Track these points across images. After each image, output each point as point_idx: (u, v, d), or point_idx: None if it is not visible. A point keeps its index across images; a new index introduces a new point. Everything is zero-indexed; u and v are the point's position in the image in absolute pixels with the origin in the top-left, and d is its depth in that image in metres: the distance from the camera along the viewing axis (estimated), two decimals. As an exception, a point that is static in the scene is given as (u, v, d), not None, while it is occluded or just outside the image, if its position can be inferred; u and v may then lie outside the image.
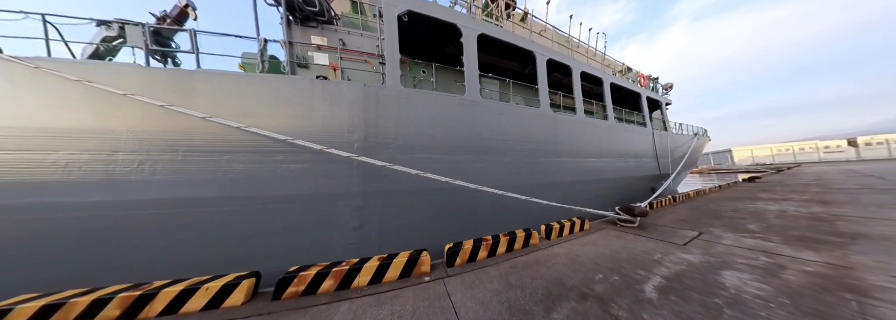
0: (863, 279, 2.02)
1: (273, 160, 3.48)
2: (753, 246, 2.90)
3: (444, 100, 4.42)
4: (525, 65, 6.37)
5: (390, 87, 4.05)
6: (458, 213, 4.27)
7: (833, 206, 5.05)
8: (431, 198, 4.09)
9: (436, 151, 4.24)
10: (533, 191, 5.18)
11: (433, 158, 4.21)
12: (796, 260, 2.46)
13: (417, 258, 2.42)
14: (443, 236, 4.14)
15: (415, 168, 4.02)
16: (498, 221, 4.61)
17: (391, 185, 3.90)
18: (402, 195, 3.94)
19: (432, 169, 4.20)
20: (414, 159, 4.12)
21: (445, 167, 4.27)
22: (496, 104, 4.95)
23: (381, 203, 3.86)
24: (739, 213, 4.86)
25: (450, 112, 4.42)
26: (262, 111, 3.46)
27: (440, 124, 4.32)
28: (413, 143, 4.12)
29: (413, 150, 4.12)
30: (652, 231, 3.76)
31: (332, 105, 3.77)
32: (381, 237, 3.82)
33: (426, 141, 4.20)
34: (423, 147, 4.18)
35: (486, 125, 4.74)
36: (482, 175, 4.56)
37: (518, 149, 5.09)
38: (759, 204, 5.78)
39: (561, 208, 3.90)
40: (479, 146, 4.62)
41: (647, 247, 2.96)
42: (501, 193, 3.19)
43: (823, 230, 3.49)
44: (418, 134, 4.16)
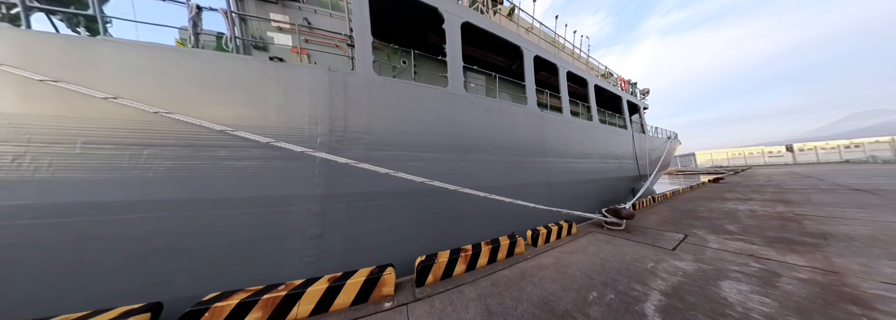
0: (857, 287, 1.92)
1: (214, 156, 2.82)
2: (739, 250, 2.81)
3: (424, 92, 3.98)
4: (512, 61, 6.13)
5: (361, 74, 3.53)
6: (437, 218, 3.85)
7: (793, 206, 5.36)
8: (407, 200, 3.63)
9: (414, 148, 3.79)
10: (519, 191, 4.92)
11: (410, 156, 3.76)
12: (785, 266, 2.36)
13: (379, 277, 1.96)
14: (419, 244, 3.69)
15: (390, 166, 3.54)
16: (481, 226, 4.26)
17: (360, 186, 3.38)
18: (373, 197, 3.44)
19: (410, 168, 3.75)
20: (389, 157, 3.63)
21: (424, 166, 3.84)
22: (481, 99, 4.60)
23: (348, 207, 3.32)
24: (715, 213, 4.96)
25: (430, 105, 3.99)
26: (195, 96, 2.78)
27: (419, 118, 3.87)
28: (388, 139, 3.63)
29: (388, 147, 3.64)
30: (639, 234, 3.62)
31: (289, 92, 3.17)
32: (347, 247, 3.28)
33: (403, 136, 3.73)
34: (399, 143, 3.71)
35: (471, 121, 4.36)
36: (465, 175, 4.18)
37: (504, 147, 4.78)
38: (729, 203, 6.04)
39: (549, 211, 3.63)
40: (463, 144, 4.24)
41: (637, 254, 2.76)
42: (485, 196, 2.83)
43: (794, 230, 3.56)
44: (394, 128, 3.68)
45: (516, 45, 5.29)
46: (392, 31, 4.88)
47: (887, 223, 3.72)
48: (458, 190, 2.82)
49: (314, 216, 3.19)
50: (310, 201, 3.16)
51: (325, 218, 3.23)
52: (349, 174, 3.31)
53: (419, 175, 3.82)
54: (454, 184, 4.06)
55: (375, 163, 3.51)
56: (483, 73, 5.49)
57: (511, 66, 6.30)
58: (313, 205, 3.18)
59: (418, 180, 2.78)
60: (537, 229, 3.25)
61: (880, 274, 2.10)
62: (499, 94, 5.46)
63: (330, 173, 3.29)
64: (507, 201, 2.97)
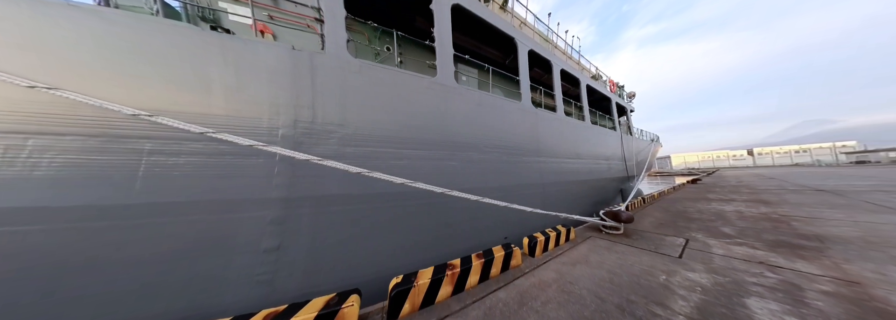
0: (888, 301, 1.72)
1: (134, 150, 2.17)
2: (747, 256, 2.62)
3: (410, 81, 3.51)
4: (505, 54, 5.83)
5: (333, 55, 2.99)
6: (422, 224, 3.37)
7: (774, 206, 5.48)
8: (386, 204, 3.13)
9: (396, 144, 3.30)
10: (513, 193, 4.58)
11: (392, 153, 3.26)
12: (801, 276, 2.16)
13: (336, 311, 1.47)
14: (400, 255, 3.20)
15: (369, 165, 3.04)
16: (472, 232, 3.84)
17: (329, 188, 2.84)
18: (345, 201, 2.90)
19: (392, 167, 3.26)
20: (367, 154, 3.12)
21: (408, 165, 3.36)
22: (473, 92, 4.21)
23: (314, 213, 2.77)
24: (705, 215, 4.92)
25: (416, 96, 3.53)
26: (102, 69, 2.11)
27: (403, 111, 3.39)
28: (366, 134, 3.12)
29: (366, 142, 3.12)
30: (639, 238, 3.39)
31: (241, 72, 2.57)
32: (311, 261, 2.72)
33: (384, 131, 3.23)
34: (379, 139, 3.20)
35: (461, 116, 3.95)
36: (454, 175, 3.76)
37: (497, 146, 4.42)
38: (714, 204, 6.11)
39: (546, 215, 3.29)
40: (452, 141, 3.81)
41: (644, 263, 2.47)
42: (477, 199, 2.43)
43: (787, 232, 3.50)
44: (374, 121, 3.17)
45: (510, 36, 4.97)
46: (373, 13, 4.36)
47: (868, 224, 3.78)
48: (446, 192, 2.38)
49: (270, 224, 2.60)
50: (265, 206, 2.57)
51: (285, 226, 2.66)
52: (317, 174, 2.76)
53: (402, 175, 3.34)
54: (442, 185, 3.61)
55: (351, 160, 2.99)
56: (475, 64, 5.06)
57: (504, 61, 5.99)
58: (269, 211, 2.60)
59: (398, 181, 2.30)
60: (534, 236, 2.89)
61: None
62: (492, 89, 5.07)
63: (293, 172, 2.73)
64: (502, 205, 2.58)
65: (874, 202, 5.57)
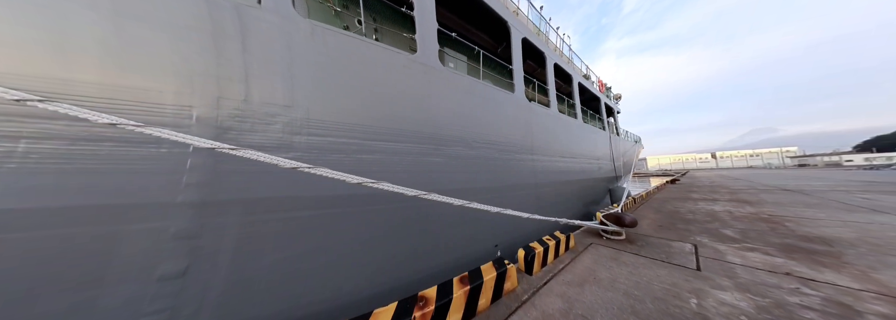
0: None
1: None
2: (767, 266, 2.29)
3: (381, 56, 2.82)
4: (498, 42, 5.34)
5: (272, 11, 2.25)
6: (395, 234, 2.71)
7: (758, 206, 5.51)
8: (351, 209, 2.45)
9: (364, 134, 2.62)
10: (505, 195, 4.06)
11: (358, 145, 2.58)
12: (841, 290, 1.83)
13: None
14: (363, 276, 2.50)
15: (326, 160, 2.38)
16: (457, 241, 3.23)
17: (270, 188, 2.11)
18: (293, 206, 2.18)
19: (358, 162, 2.58)
20: (325, 145, 2.42)
21: (380, 160, 2.70)
22: (462, 78, 3.63)
23: (244, 222, 2.02)
24: (698, 216, 4.76)
25: (391, 76, 2.87)
26: None
27: (373, 92, 2.72)
28: (325, 119, 2.42)
29: (324, 130, 2.41)
30: (643, 245, 3.01)
31: (125, 24, 1.79)
32: (233, 292, 1.94)
33: (349, 116, 2.54)
34: (342, 126, 2.51)
35: (447, 104, 3.36)
36: (437, 174, 3.15)
37: (489, 141, 3.87)
38: (701, 204, 6.08)
39: (544, 220, 2.78)
40: (436, 133, 3.19)
41: (663, 280, 2.04)
42: (461, 203, 1.84)
43: (787, 233, 3.31)
44: (334, 103, 2.48)
45: (504, 19, 4.48)
46: None
47: (854, 223, 3.74)
48: (421, 195, 1.75)
49: (174, 239, 1.82)
50: (167, 214, 1.80)
51: (197, 241, 1.89)
52: (254, 169, 2.03)
53: (371, 172, 2.68)
54: (423, 185, 2.98)
55: (303, 152, 2.29)
56: (464, 45, 4.36)
57: (496, 49, 5.51)
58: (173, 221, 1.82)
59: (354, 180, 1.65)
60: (531, 247, 2.36)
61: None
62: (483, 78, 4.49)
63: (215, 167, 1.97)
64: (494, 211, 2.02)
65: (841, 201, 5.81)
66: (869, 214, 4.31)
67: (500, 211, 2.05)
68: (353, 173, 2.62)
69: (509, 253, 3.95)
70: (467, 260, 3.25)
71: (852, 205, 5.16)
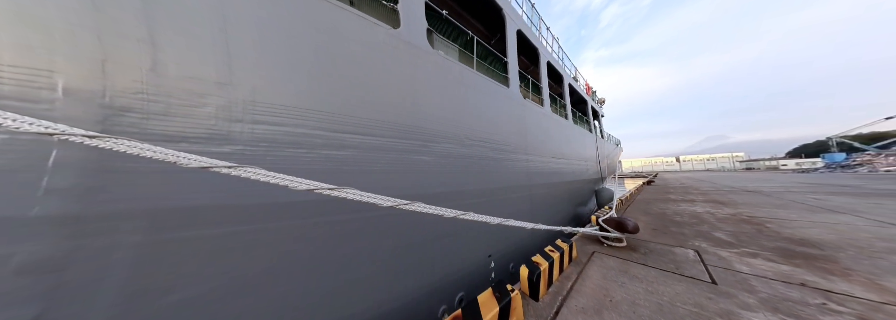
0: None
1: None
2: (780, 276, 2.15)
3: (355, 27, 2.26)
4: (491, 32, 5.03)
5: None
6: (368, 249, 2.17)
7: (734, 207, 5.75)
8: (311, 221, 1.89)
9: (332, 125, 2.07)
10: (498, 197, 3.68)
11: (325, 138, 2.02)
12: (864, 304, 1.68)
13: None
14: (320, 310, 1.95)
15: (278, 156, 1.84)
16: (445, 254, 2.75)
17: (189, 194, 1.51)
18: (225, 218, 1.59)
19: (323, 159, 2.04)
20: (277, 136, 1.84)
21: (351, 158, 2.17)
22: (454, 65, 3.18)
23: (145, 242, 1.39)
24: (684, 217, 4.80)
25: (368, 54, 2.33)
26: None
27: (342, 73, 2.17)
28: (277, 103, 1.84)
29: (276, 117, 1.83)
30: (646, 252, 2.80)
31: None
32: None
33: (311, 101, 1.98)
34: (300, 114, 1.94)
35: (436, 93, 2.90)
36: (425, 175, 2.69)
37: (483, 138, 3.48)
38: (683, 206, 6.26)
39: (543, 229, 2.42)
40: (423, 127, 2.71)
41: (684, 298, 1.77)
42: (454, 215, 1.39)
43: (774, 236, 3.33)
44: (290, 84, 1.91)
45: (499, 6, 4.14)
46: None
47: (825, 224, 3.91)
48: (398, 205, 1.26)
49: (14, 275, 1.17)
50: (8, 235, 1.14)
51: (58, 276, 1.24)
52: (162, 168, 1.41)
53: (343, 171, 2.15)
54: (408, 187, 2.52)
55: (248, 146, 1.73)
56: (455, 28, 3.81)
57: (489, 41, 5.19)
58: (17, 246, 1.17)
59: (303, 187, 1.14)
60: (535, 264, 1.98)
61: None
62: (476, 69, 4.03)
63: (100, 166, 1.35)
64: (495, 223, 1.61)
65: (799, 201, 6.31)
66: (830, 214, 4.61)
67: (501, 222, 1.64)
68: (317, 173, 2.06)
69: (503, 263, 3.59)
70: (457, 276, 2.82)
71: (811, 206, 5.57)
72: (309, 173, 1.97)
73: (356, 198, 1.20)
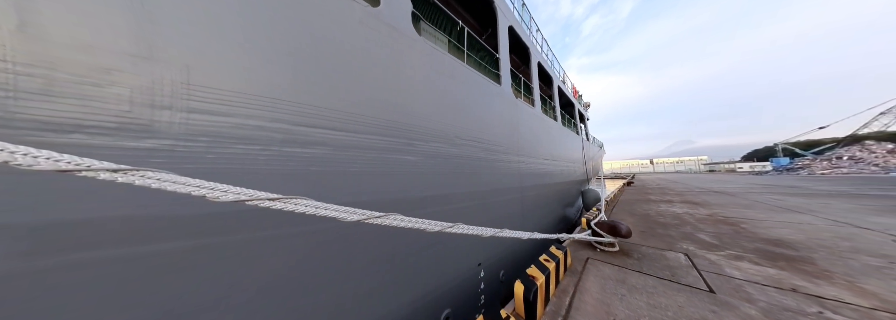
0: None
1: None
2: (769, 280, 2.12)
3: (320, 1, 1.89)
4: (483, 27, 4.84)
5: None
6: (340, 265, 1.81)
7: (709, 208, 6.05)
8: (260, 233, 1.52)
9: (297, 117, 1.71)
10: (490, 200, 3.46)
11: (285, 133, 1.66)
12: (857, 311, 1.66)
13: None
14: None
15: (221, 153, 1.47)
16: (429, 265, 2.45)
17: (89, 205, 1.10)
18: (146, 234, 1.18)
19: (280, 158, 1.68)
20: (225, 129, 1.45)
21: (321, 156, 1.82)
22: (443, 56, 2.90)
23: (20, 272, 0.97)
24: (667, 218, 4.92)
25: (340, 33, 1.96)
26: None
27: (309, 54, 1.81)
28: (218, 86, 1.45)
29: (216, 105, 1.44)
30: (640, 258, 2.72)
31: None
32: None
33: (264, 86, 1.60)
34: (252, 103, 1.56)
35: (424, 86, 2.62)
36: (412, 177, 2.39)
37: (475, 138, 3.24)
38: (663, 206, 6.49)
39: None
40: (409, 123, 2.41)
41: (690, 314, 1.64)
42: (439, 229, 1.13)
43: (753, 237, 3.43)
44: (235, 62, 1.51)
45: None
46: None
47: (791, 224, 4.15)
48: (366, 220, 0.96)
49: None
50: None
51: None
52: None
53: (311, 172, 1.80)
54: (390, 189, 2.21)
55: (179, 141, 1.33)
56: (444, 17, 3.49)
57: (480, 36, 4.99)
58: None
59: (229, 197, 0.81)
60: (531, 278, 1.76)
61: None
62: (466, 63, 3.73)
63: None
64: (488, 234, 1.36)
65: (761, 201, 6.81)
66: (791, 214, 4.95)
67: (495, 233, 1.40)
68: (277, 176, 1.71)
69: (493, 271, 3.38)
70: (444, 290, 2.54)
71: (773, 206, 6.00)
72: (265, 176, 1.60)
73: (309, 212, 0.89)
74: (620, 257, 2.74)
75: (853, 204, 5.94)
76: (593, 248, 3.03)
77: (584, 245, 3.16)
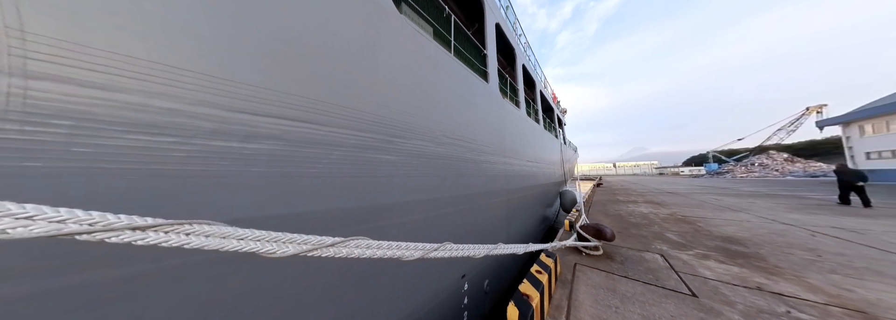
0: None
1: None
2: (737, 279, 2.24)
3: None
4: (469, 21, 4.66)
5: None
6: (283, 299, 1.37)
7: (668, 208, 6.67)
8: (164, 264, 1.06)
9: (230, 104, 1.26)
10: (478, 204, 3.25)
11: (217, 121, 1.21)
12: (816, 308, 1.77)
13: None
14: None
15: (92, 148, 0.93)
16: (408, 280, 2.10)
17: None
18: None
19: (204, 156, 1.22)
20: (99, 115, 0.96)
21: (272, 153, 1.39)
22: (429, 43, 2.60)
23: None
24: (636, 218, 5.25)
25: (298, 8, 1.58)
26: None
27: (257, 24, 1.39)
28: (93, 47, 0.96)
29: (91, 78, 0.95)
30: (623, 261, 2.73)
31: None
32: None
33: (176, 54, 1.14)
34: (168, 80, 1.08)
35: (406, 75, 2.29)
36: (391, 180, 2.04)
37: (461, 137, 2.99)
38: (631, 206, 7.01)
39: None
40: (388, 118, 2.06)
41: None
42: (421, 254, 0.85)
43: (710, 235, 3.74)
44: (124, 14, 1.05)
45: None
46: None
47: (734, 221, 4.69)
48: (304, 253, 0.63)
49: None
50: None
51: None
52: None
53: (252, 174, 1.36)
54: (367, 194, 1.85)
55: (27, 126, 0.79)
56: (429, 3, 3.18)
57: (468, 29, 4.80)
58: None
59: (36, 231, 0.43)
60: (525, 297, 1.56)
61: (890, 307, 1.75)
62: (454, 57, 3.24)
63: None
64: (482, 255, 1.10)
65: (706, 201, 7.77)
66: (732, 213, 5.66)
67: (490, 251, 1.14)
68: (200, 180, 1.26)
69: (477, 282, 3.14)
70: (424, 311, 2.22)
71: (716, 205, 6.86)
72: (180, 179, 1.13)
73: (207, 246, 0.53)
74: (605, 261, 2.72)
75: (771, 202, 7.07)
76: (579, 252, 2.99)
77: (573, 251, 3.12)
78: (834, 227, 4.05)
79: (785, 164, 29.10)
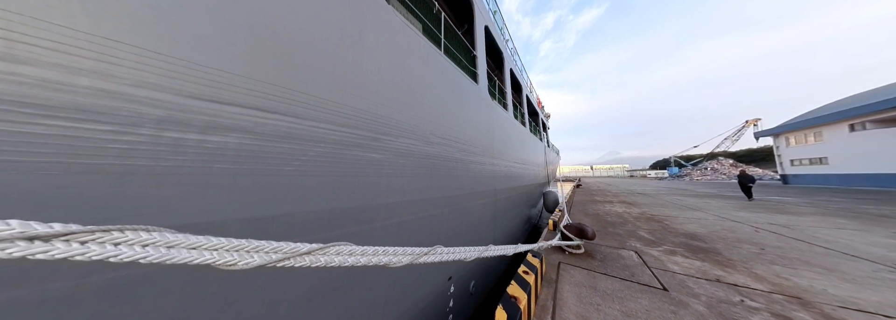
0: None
1: None
2: (700, 273, 2.45)
3: None
4: (458, 21, 4.67)
5: None
6: (245, 315, 1.26)
7: (639, 207, 7.22)
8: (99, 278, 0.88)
9: (189, 89, 1.10)
10: (466, 205, 3.23)
11: (173, 108, 1.03)
12: (765, 296, 1.99)
13: None
14: None
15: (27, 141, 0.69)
16: (395, 291, 2.01)
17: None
18: None
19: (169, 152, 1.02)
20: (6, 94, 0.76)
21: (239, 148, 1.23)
22: (418, 38, 2.55)
23: None
24: (612, 217, 5.61)
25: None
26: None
27: (233, 14, 1.26)
28: None
29: None
30: (602, 258, 2.87)
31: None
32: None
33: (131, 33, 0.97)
34: (85, 55, 0.90)
35: (393, 70, 2.19)
36: (377, 180, 1.93)
37: (450, 137, 2.96)
38: (607, 206, 7.49)
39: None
40: (376, 114, 1.97)
41: (656, 317, 1.69)
42: (410, 260, 0.79)
43: (675, 232, 4.11)
44: None
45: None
46: None
47: (693, 219, 5.20)
48: (273, 264, 0.55)
49: None
50: None
51: None
52: None
53: (215, 172, 1.19)
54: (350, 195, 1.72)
55: None
56: None
57: (458, 29, 4.82)
58: None
59: None
60: (512, 300, 1.55)
61: (824, 294, 2.02)
62: (444, 55, 3.18)
63: None
64: (473, 257, 1.07)
65: (670, 202, 8.56)
66: (691, 211, 6.28)
67: (481, 254, 1.11)
68: (145, 177, 1.08)
69: (463, 284, 3.11)
70: (411, 315, 2.13)
71: (678, 205, 7.57)
72: (116, 178, 0.94)
73: (147, 258, 0.42)
74: (587, 259, 2.84)
75: (722, 202, 7.98)
76: (562, 251, 3.09)
77: (556, 250, 3.21)
78: (771, 224, 4.65)
79: (731, 169, 33.37)
